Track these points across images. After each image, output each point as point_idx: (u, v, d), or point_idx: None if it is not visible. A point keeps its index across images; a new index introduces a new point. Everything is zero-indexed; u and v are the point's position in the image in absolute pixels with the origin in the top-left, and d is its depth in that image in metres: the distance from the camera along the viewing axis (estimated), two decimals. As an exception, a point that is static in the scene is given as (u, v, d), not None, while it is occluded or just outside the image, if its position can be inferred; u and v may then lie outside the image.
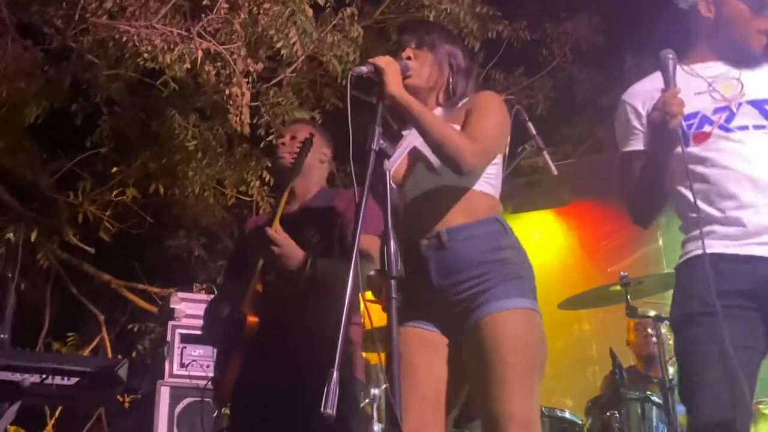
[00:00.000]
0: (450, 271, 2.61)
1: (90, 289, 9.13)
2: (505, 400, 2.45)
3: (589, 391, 5.05)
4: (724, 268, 2.47)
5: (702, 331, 2.47)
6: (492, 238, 2.65)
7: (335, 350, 2.10)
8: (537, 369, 2.54)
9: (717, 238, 2.54)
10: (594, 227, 7.43)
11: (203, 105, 7.25)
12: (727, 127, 2.60)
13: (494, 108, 2.74)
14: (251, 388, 3.29)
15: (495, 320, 2.52)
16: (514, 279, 2.59)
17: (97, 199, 8.23)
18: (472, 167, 2.59)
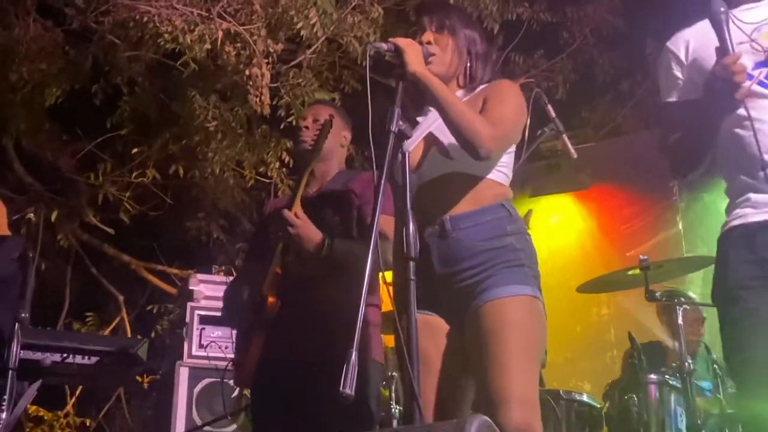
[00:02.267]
0: (451, 260, 2.62)
1: (110, 270, 9.17)
2: (506, 381, 2.46)
3: (607, 375, 5.05)
4: (760, 239, 2.41)
5: (744, 306, 2.41)
6: (496, 224, 2.65)
7: (354, 331, 2.10)
8: (537, 353, 2.57)
9: (752, 206, 2.47)
10: (613, 211, 7.40)
11: (223, 86, 7.24)
12: (766, 84, 2.48)
13: (512, 96, 2.75)
14: (272, 369, 3.31)
15: (496, 306, 2.54)
16: (516, 266, 2.60)
17: (117, 181, 8.26)
18: (489, 151, 2.59)
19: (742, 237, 2.45)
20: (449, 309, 2.65)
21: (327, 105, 3.84)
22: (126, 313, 8.90)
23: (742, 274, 2.40)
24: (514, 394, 2.45)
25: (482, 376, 2.52)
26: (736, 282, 2.43)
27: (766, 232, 2.42)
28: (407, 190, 2.42)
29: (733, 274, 2.44)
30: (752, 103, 2.47)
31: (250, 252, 3.89)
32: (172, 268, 8.79)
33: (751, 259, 2.41)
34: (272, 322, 3.32)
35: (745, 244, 2.43)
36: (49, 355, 3.95)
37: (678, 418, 3.90)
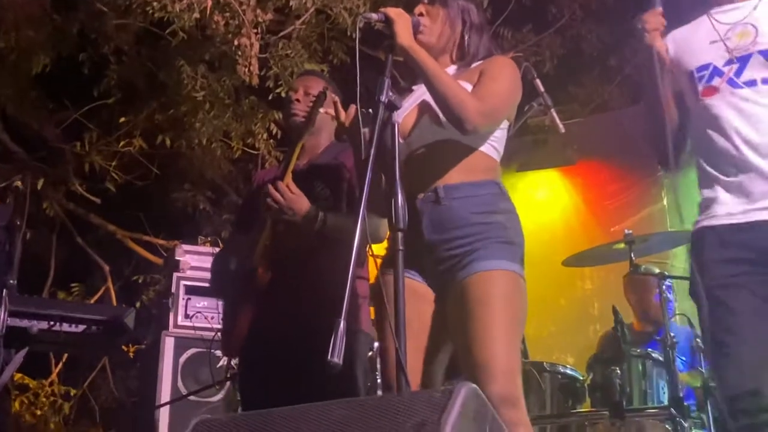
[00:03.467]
0: (443, 227, 2.63)
1: (95, 240, 9.15)
2: (491, 352, 2.48)
3: (590, 348, 5.08)
4: (728, 239, 2.51)
5: (719, 303, 2.50)
6: (489, 200, 2.67)
7: (340, 302, 2.12)
8: (519, 327, 2.60)
9: (721, 204, 2.56)
10: (599, 187, 7.42)
11: (212, 56, 7.20)
12: (735, 82, 2.59)
13: (507, 73, 2.75)
14: (261, 339, 3.32)
15: (482, 278, 2.55)
16: (505, 243, 2.61)
17: (103, 150, 8.23)
18: (475, 126, 2.59)
19: (714, 238, 2.54)
20: (434, 276, 2.66)
21: (317, 76, 3.81)
22: (112, 283, 8.89)
23: (719, 273, 2.49)
24: (498, 365, 2.47)
25: (466, 345, 2.54)
26: (713, 281, 2.51)
27: (737, 234, 2.51)
28: (396, 161, 2.43)
29: (710, 274, 2.52)
30: (721, 100, 2.59)
31: (237, 223, 3.89)
32: (158, 239, 8.78)
33: (726, 258, 2.49)
34: (262, 293, 3.34)
35: (719, 244, 2.52)
36: (36, 323, 3.94)
37: (660, 391, 3.94)
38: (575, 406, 4.11)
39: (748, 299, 2.45)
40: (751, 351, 2.42)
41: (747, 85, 2.57)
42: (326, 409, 1.84)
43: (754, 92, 2.56)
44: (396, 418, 1.74)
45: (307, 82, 3.60)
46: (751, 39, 2.59)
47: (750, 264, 2.48)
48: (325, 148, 3.56)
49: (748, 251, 2.49)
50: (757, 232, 2.49)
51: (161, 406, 5.34)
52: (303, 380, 3.13)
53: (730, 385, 2.47)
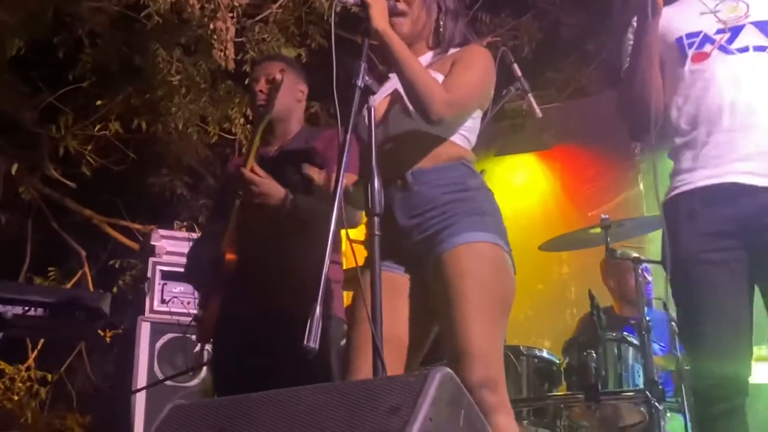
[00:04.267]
0: (413, 211, 2.62)
1: (71, 225, 9.09)
2: (466, 334, 2.45)
3: (567, 332, 5.10)
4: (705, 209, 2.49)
5: (693, 281, 2.49)
6: (458, 179, 2.65)
7: (316, 286, 2.11)
8: (498, 303, 2.54)
9: (698, 169, 2.55)
10: (576, 171, 7.44)
11: (187, 40, 7.16)
12: (727, 48, 2.60)
13: (480, 63, 2.72)
14: (231, 324, 3.32)
15: (455, 255, 2.52)
16: (477, 214, 2.59)
17: (78, 134, 8.16)
18: (440, 116, 2.56)
19: (688, 208, 2.52)
20: (412, 261, 2.65)
21: (276, 60, 3.76)
22: (88, 267, 8.84)
23: (694, 248, 2.46)
24: (475, 348, 2.43)
25: (446, 328, 2.53)
26: (689, 257, 2.49)
27: (715, 202, 2.49)
28: (372, 146, 2.43)
29: (685, 249, 2.49)
30: (710, 65, 2.60)
31: (213, 211, 3.87)
32: (134, 224, 8.73)
33: (702, 232, 2.47)
34: (231, 279, 3.32)
35: (694, 215, 2.49)
36: (11, 308, 3.93)
37: (635, 374, 3.96)
38: (551, 390, 4.13)
39: (724, 277, 2.44)
40: (728, 332, 2.41)
41: (739, 52, 2.59)
42: (301, 394, 1.84)
43: (746, 58, 2.58)
44: (371, 403, 1.74)
45: (268, 69, 3.56)
46: (742, 13, 2.61)
47: (728, 237, 2.46)
48: (296, 133, 3.55)
49: (726, 223, 2.47)
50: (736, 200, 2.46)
51: (137, 391, 5.33)
52: (275, 366, 3.14)
53: (705, 368, 2.46)
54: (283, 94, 3.46)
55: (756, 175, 2.48)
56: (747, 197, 2.47)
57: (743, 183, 2.48)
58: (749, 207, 2.46)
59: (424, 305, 2.65)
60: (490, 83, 2.76)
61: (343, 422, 1.73)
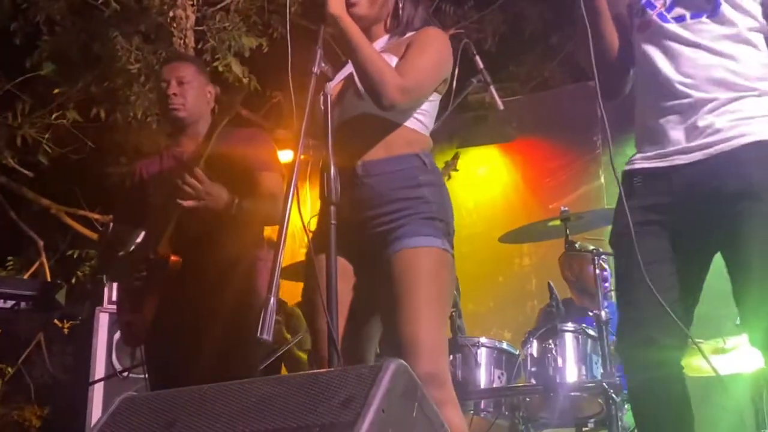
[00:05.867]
0: (363, 206, 2.59)
1: (29, 214, 8.99)
2: (415, 329, 2.46)
3: (527, 324, 5.11)
4: (641, 186, 2.48)
5: (622, 251, 2.49)
6: (409, 174, 2.61)
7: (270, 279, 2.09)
8: (445, 303, 2.59)
9: (643, 150, 2.52)
10: (538, 164, 7.47)
11: (147, 28, 7.09)
12: (665, 17, 2.50)
13: (435, 46, 2.68)
14: (170, 326, 3.29)
15: (407, 256, 2.52)
16: (427, 219, 2.57)
17: (36, 122, 8.06)
18: (392, 102, 2.53)
19: (629, 183, 2.50)
20: (359, 255, 2.62)
21: (186, 61, 3.72)
22: (46, 258, 8.75)
23: (624, 219, 2.42)
24: (423, 343, 2.45)
25: (392, 324, 2.53)
26: (620, 228, 2.48)
27: (650, 180, 2.47)
28: (329, 134, 2.40)
29: (620, 220, 2.48)
30: (650, 37, 2.52)
31: (120, 215, 3.80)
32: (93, 213, 8.65)
33: (634, 205, 2.44)
34: (168, 280, 3.29)
35: (632, 191, 2.47)
36: (-37, 299, 3.86)
37: (594, 366, 3.98)
38: (511, 381, 4.14)
39: (653, 246, 2.42)
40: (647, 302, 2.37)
41: (675, 21, 2.48)
42: (252, 386, 1.81)
43: (682, 28, 2.47)
44: (323, 394, 1.72)
45: (178, 72, 3.50)
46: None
47: (662, 210, 2.44)
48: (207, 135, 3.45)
49: (662, 196, 2.44)
50: (670, 178, 2.43)
51: (95, 383, 5.28)
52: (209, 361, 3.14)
53: (628, 337, 2.46)
54: (195, 96, 3.46)
55: (688, 153, 2.42)
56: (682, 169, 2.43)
57: (675, 165, 2.43)
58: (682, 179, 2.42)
59: (370, 300, 2.63)
60: (446, 66, 2.72)
61: (295, 414, 1.71)
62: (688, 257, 2.45)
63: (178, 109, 3.44)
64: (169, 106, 3.45)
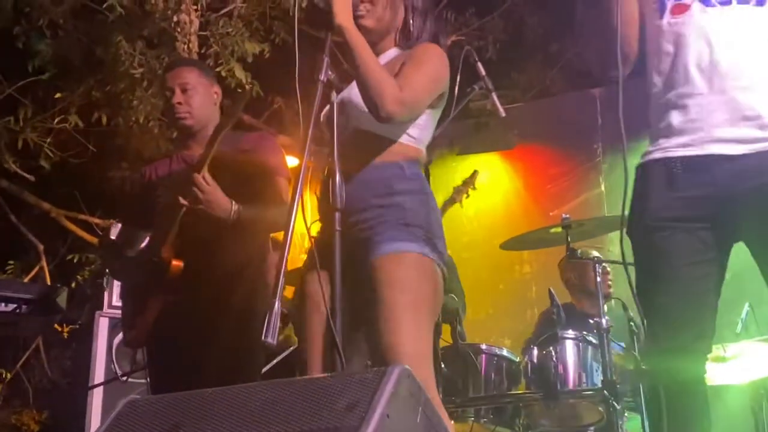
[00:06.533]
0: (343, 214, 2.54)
1: (30, 218, 8.99)
2: (394, 339, 2.46)
3: (527, 331, 5.12)
4: (679, 176, 2.35)
5: (653, 248, 2.37)
6: (385, 182, 2.62)
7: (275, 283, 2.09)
8: (425, 309, 2.55)
9: (674, 134, 2.39)
10: (539, 171, 7.48)
11: (150, 32, 7.09)
12: (709, 1, 2.39)
13: (432, 62, 2.69)
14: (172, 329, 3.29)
15: (381, 263, 2.53)
16: (402, 225, 2.57)
17: (38, 126, 8.06)
18: (391, 115, 2.54)
19: (663, 171, 2.38)
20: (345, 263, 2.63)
21: (186, 66, 3.64)
22: (46, 262, 8.74)
23: (663, 213, 2.34)
24: (403, 352, 2.44)
25: (372, 334, 2.53)
26: (651, 221, 2.37)
27: (689, 169, 2.35)
28: (335, 141, 2.41)
29: (653, 213, 2.37)
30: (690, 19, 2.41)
31: (128, 217, 3.80)
32: (93, 218, 8.65)
33: (671, 197, 2.35)
34: (170, 283, 3.30)
35: (667, 179, 2.36)
36: (-36, 302, 3.85)
37: (594, 373, 3.98)
38: (510, 388, 4.14)
39: (687, 245, 2.32)
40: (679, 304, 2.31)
41: (721, 4, 2.38)
42: (256, 390, 1.81)
43: (728, 11, 2.37)
44: (327, 399, 1.72)
45: (181, 78, 3.48)
46: None
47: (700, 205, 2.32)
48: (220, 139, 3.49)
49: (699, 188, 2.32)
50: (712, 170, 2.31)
51: (94, 387, 5.28)
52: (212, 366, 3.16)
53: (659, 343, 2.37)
54: (200, 101, 3.45)
55: (733, 143, 2.31)
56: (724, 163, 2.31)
57: (720, 154, 2.31)
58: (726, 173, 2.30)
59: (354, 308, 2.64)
60: (442, 82, 2.72)
61: (299, 418, 1.71)
62: (722, 254, 2.37)
63: (185, 118, 3.44)
64: (176, 115, 3.44)
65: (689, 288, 2.32)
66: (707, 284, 2.35)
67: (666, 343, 2.35)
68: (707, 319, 2.35)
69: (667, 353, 2.34)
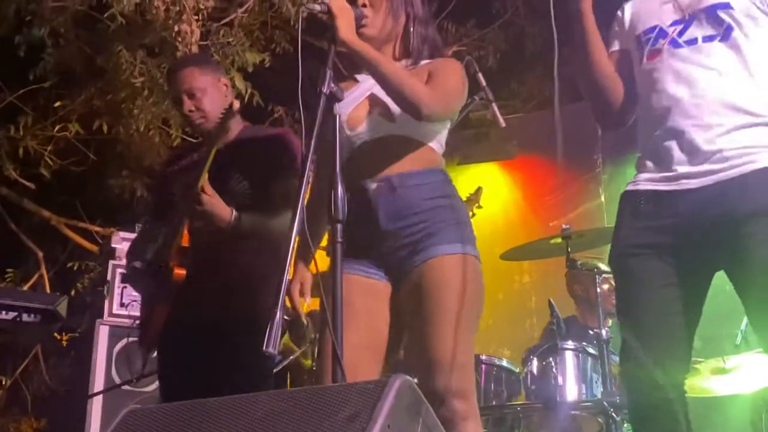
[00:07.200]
0: (398, 215, 2.62)
1: (29, 226, 8.99)
2: (443, 342, 2.47)
3: (526, 341, 5.14)
4: (646, 207, 2.46)
5: (625, 273, 2.49)
6: (438, 186, 2.68)
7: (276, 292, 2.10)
8: (473, 315, 2.58)
9: (646, 170, 2.52)
10: (538, 182, 7.50)
11: (151, 41, 7.10)
12: (677, 42, 2.51)
13: (457, 73, 2.75)
14: (178, 332, 3.28)
15: (435, 265, 2.55)
16: (455, 224, 2.62)
17: (38, 134, 8.06)
18: (431, 112, 2.60)
19: (632, 203, 2.50)
20: (391, 265, 2.65)
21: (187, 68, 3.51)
22: (46, 269, 8.74)
23: (630, 241, 2.45)
24: (451, 357, 2.46)
25: (418, 338, 2.54)
26: (624, 248, 2.49)
27: (654, 201, 2.46)
28: (337, 153, 2.42)
29: (623, 240, 2.50)
30: (662, 63, 2.52)
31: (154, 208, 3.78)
32: (94, 225, 8.65)
33: (639, 226, 2.45)
34: (178, 287, 3.29)
35: (636, 211, 2.48)
36: (-37, 310, 3.86)
37: (594, 385, 3.99)
38: (510, 399, 4.14)
39: (658, 270, 2.41)
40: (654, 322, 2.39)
41: (687, 44, 2.49)
42: (258, 400, 1.82)
43: (694, 51, 2.48)
44: (328, 410, 1.72)
45: (185, 84, 3.41)
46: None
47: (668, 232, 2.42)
48: (239, 133, 3.46)
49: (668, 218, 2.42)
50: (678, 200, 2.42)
51: (94, 396, 5.28)
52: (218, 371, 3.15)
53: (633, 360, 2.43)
54: (211, 101, 3.40)
55: (695, 178, 2.41)
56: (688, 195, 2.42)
57: (682, 189, 2.42)
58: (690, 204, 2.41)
59: (399, 310, 2.65)
60: (465, 94, 2.80)
61: (300, 429, 1.71)
62: (692, 280, 2.45)
63: (201, 123, 3.40)
64: (193, 123, 3.43)
65: (660, 308, 2.40)
66: (677, 306, 2.43)
67: (639, 360, 2.41)
68: (679, 338, 2.42)
69: (641, 370, 2.40)
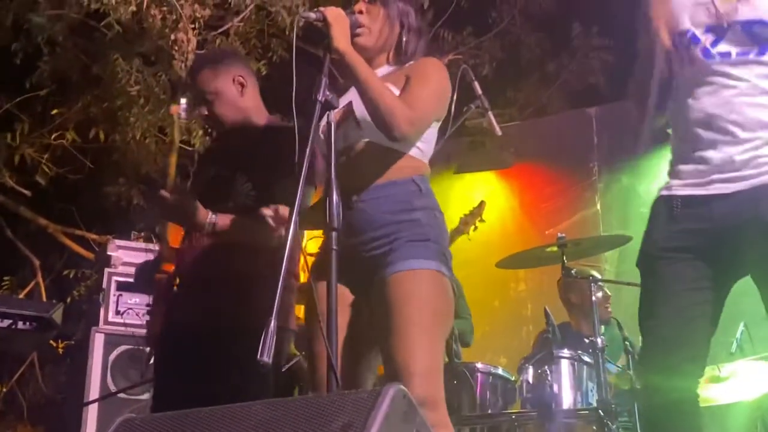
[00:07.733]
0: (356, 231, 2.60)
1: (26, 233, 8.99)
2: (408, 355, 2.47)
3: (522, 349, 5.13)
4: (680, 211, 2.45)
5: (650, 275, 2.49)
6: (403, 198, 2.64)
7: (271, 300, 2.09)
8: (440, 326, 2.58)
9: (681, 176, 2.49)
10: (535, 189, 7.50)
11: (147, 50, 7.11)
12: (710, 53, 2.46)
13: (436, 77, 2.73)
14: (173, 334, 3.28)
15: (398, 280, 2.54)
16: (421, 241, 2.59)
17: (35, 142, 8.07)
18: (404, 134, 2.58)
19: (667, 207, 2.49)
20: (355, 278, 2.63)
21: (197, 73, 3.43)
22: (42, 277, 8.74)
23: (662, 244, 2.44)
24: (416, 368, 2.46)
25: (386, 349, 2.54)
26: (655, 251, 2.48)
27: (689, 205, 2.45)
28: (332, 161, 2.42)
29: (655, 243, 2.48)
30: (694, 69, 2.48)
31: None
32: (90, 233, 8.65)
33: (675, 229, 2.44)
34: (172, 292, 3.30)
35: (670, 214, 2.47)
36: (-41, 318, 3.86)
37: (589, 393, 3.99)
38: (506, 407, 4.14)
39: (685, 274, 2.41)
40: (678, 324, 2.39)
41: (721, 57, 2.44)
42: (252, 410, 1.82)
43: (726, 65, 2.44)
44: (321, 419, 1.72)
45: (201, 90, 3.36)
46: (732, 6, 2.44)
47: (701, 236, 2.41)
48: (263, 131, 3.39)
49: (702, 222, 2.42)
50: (710, 205, 2.41)
51: (89, 403, 5.27)
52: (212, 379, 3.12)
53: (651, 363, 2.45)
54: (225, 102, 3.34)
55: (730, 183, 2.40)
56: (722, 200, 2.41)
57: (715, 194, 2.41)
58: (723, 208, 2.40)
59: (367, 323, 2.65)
60: (446, 94, 2.77)
61: (294, 438, 1.71)
62: (718, 283, 2.45)
63: (224, 124, 3.37)
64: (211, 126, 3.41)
65: (684, 312, 2.39)
66: (702, 310, 2.42)
67: (659, 362, 2.42)
68: (700, 343, 2.42)
69: (660, 372, 2.41)
